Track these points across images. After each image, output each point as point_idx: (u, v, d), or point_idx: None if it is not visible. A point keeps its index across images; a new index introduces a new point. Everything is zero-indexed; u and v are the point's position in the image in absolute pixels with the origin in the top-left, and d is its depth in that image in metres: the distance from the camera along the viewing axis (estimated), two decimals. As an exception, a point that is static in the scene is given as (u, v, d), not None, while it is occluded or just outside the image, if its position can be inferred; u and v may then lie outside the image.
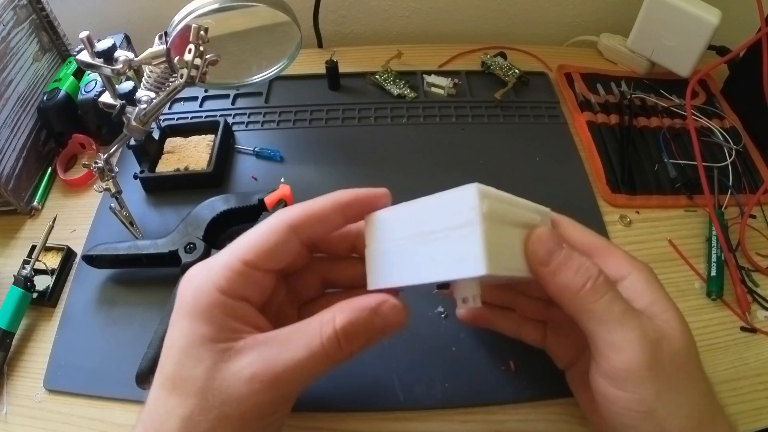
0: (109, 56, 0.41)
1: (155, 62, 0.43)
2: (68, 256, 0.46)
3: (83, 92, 0.52)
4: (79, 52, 0.42)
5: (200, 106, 0.58)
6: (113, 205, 0.45)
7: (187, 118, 0.57)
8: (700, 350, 0.29)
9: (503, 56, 0.63)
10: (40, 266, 0.44)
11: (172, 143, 0.53)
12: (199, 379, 0.25)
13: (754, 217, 0.48)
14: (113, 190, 0.44)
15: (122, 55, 0.42)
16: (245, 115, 0.58)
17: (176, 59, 0.42)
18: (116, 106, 0.43)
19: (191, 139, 0.53)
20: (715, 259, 0.44)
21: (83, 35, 0.41)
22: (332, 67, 0.59)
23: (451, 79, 0.60)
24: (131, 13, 0.67)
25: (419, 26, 0.71)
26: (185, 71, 0.42)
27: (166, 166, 0.50)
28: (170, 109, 0.58)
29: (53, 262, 0.45)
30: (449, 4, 0.69)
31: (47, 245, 0.45)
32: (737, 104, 0.58)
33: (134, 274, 0.44)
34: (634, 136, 0.54)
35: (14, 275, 0.42)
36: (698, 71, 0.55)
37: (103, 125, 0.53)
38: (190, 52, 0.41)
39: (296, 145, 0.54)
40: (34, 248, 0.44)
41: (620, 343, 0.26)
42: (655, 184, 0.51)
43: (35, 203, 0.51)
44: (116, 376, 0.38)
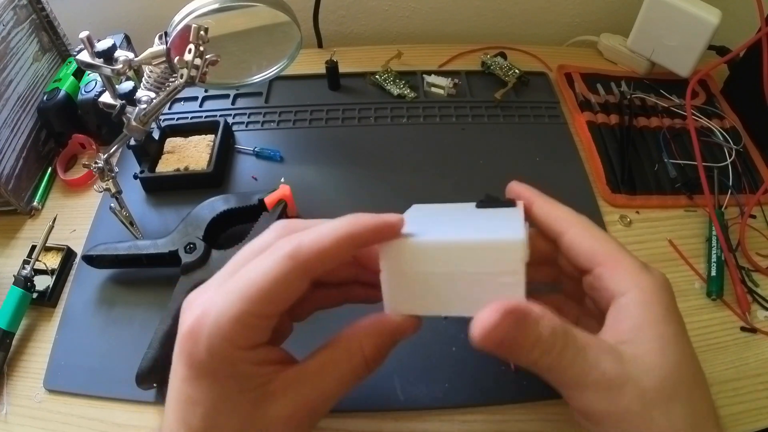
0: (109, 56, 0.41)
1: (155, 62, 0.43)
2: (68, 256, 0.46)
3: (83, 92, 0.52)
4: (79, 52, 0.42)
5: (200, 106, 0.58)
6: (113, 205, 0.45)
7: (187, 118, 0.57)
8: (700, 350, 0.29)
9: (503, 56, 0.63)
10: (40, 266, 0.44)
11: (172, 143, 0.53)
12: (236, 428, 0.25)
13: (754, 217, 0.48)
14: (113, 190, 0.44)
15: (122, 55, 0.42)
16: (245, 115, 0.58)
17: (176, 59, 0.42)
18: (116, 106, 0.43)
19: (191, 139, 0.53)
20: (715, 259, 0.44)
21: (83, 35, 0.41)
22: (332, 67, 0.59)
23: (451, 79, 0.60)
24: (131, 13, 0.67)
25: (419, 26, 0.71)
26: (185, 71, 0.42)
27: (166, 166, 0.50)
28: (170, 109, 0.58)
29: (53, 262, 0.45)
30: (449, 4, 0.69)
31: (47, 245, 0.45)
32: (737, 104, 0.58)
33: (134, 274, 0.44)
34: (634, 136, 0.54)
35: (14, 275, 0.42)
36: (698, 71, 0.55)
37: (103, 125, 0.53)
38: (190, 52, 0.41)
39: (296, 145, 0.54)
40: (34, 248, 0.44)
41: (580, 397, 0.25)
42: (655, 184, 0.51)
43: (35, 203, 0.51)
44: (116, 376, 0.38)
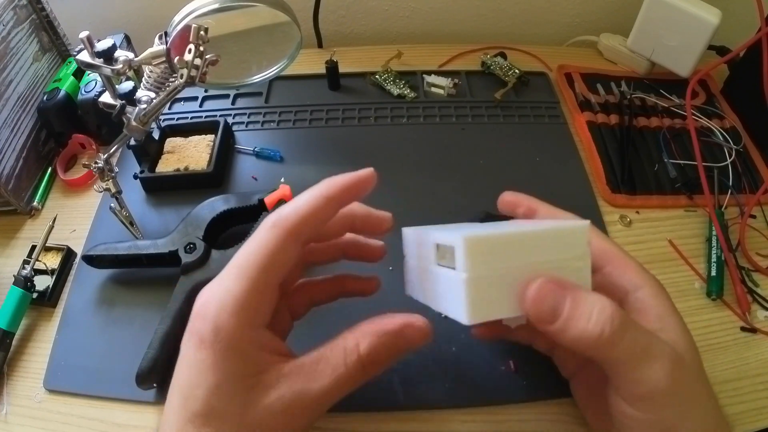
0: (109, 56, 0.41)
1: (155, 62, 0.43)
2: (68, 256, 0.46)
3: (83, 92, 0.51)
4: (79, 52, 0.42)
5: (200, 106, 0.58)
6: (113, 205, 0.45)
7: (187, 118, 0.56)
8: (700, 350, 0.29)
9: (503, 56, 0.63)
10: (40, 266, 0.44)
11: (172, 143, 0.53)
12: (234, 414, 0.25)
13: (754, 217, 0.48)
14: (113, 190, 0.44)
15: (122, 55, 0.42)
16: (245, 115, 0.58)
17: (176, 59, 0.42)
18: (116, 106, 0.43)
19: (191, 139, 0.53)
20: (715, 259, 0.44)
21: (83, 35, 0.40)
22: (332, 67, 0.59)
23: (451, 79, 0.60)
24: (131, 13, 0.67)
25: (419, 26, 0.71)
26: (185, 71, 0.42)
27: (166, 166, 0.50)
28: (170, 109, 0.58)
29: (53, 262, 0.45)
30: (449, 4, 0.69)
31: (47, 245, 0.45)
32: (737, 104, 0.58)
33: (134, 274, 0.44)
34: (634, 136, 0.54)
35: (14, 275, 0.42)
36: (698, 71, 0.55)
37: (103, 125, 0.53)
38: (190, 52, 0.41)
39: (296, 145, 0.54)
40: (34, 248, 0.44)
41: (645, 376, 0.25)
42: (655, 184, 0.51)
43: (35, 203, 0.51)
44: (116, 376, 0.38)
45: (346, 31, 0.71)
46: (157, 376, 0.36)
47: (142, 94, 0.44)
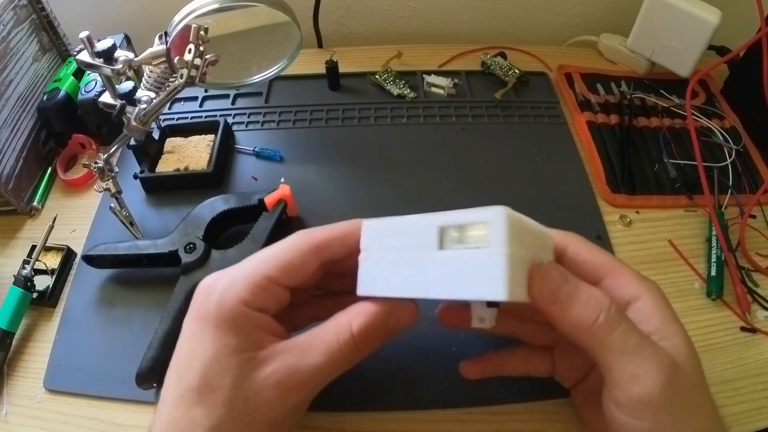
0: (109, 56, 0.41)
1: (155, 62, 0.43)
2: (68, 256, 0.46)
3: (83, 92, 0.52)
4: (79, 52, 0.42)
5: (200, 106, 0.58)
6: (113, 205, 0.45)
7: (187, 118, 0.56)
8: (700, 350, 0.29)
9: (503, 56, 0.63)
10: (40, 266, 0.44)
11: (172, 143, 0.53)
12: (226, 388, 0.25)
13: (754, 217, 0.48)
14: (113, 190, 0.44)
15: (122, 55, 0.42)
16: (245, 115, 0.58)
17: (176, 59, 0.42)
18: (116, 106, 0.43)
19: (191, 139, 0.53)
20: (715, 259, 0.44)
21: (83, 35, 0.41)
22: (332, 67, 0.59)
23: (451, 79, 0.60)
24: (131, 13, 0.67)
25: (419, 26, 0.71)
26: (185, 71, 0.42)
27: (166, 166, 0.50)
28: (170, 109, 0.58)
29: (53, 262, 0.45)
30: (449, 4, 0.69)
31: (47, 245, 0.45)
32: (737, 104, 0.58)
33: (134, 274, 0.44)
34: (634, 136, 0.54)
35: (14, 275, 0.42)
36: (698, 71, 0.55)
37: (103, 125, 0.53)
38: (190, 52, 0.41)
39: (296, 145, 0.54)
40: (34, 248, 0.44)
41: (637, 375, 0.26)
42: (655, 184, 0.51)
43: (35, 203, 0.51)
44: (116, 376, 0.38)
45: (346, 31, 0.71)
46: (157, 376, 0.36)
47: (142, 94, 0.44)
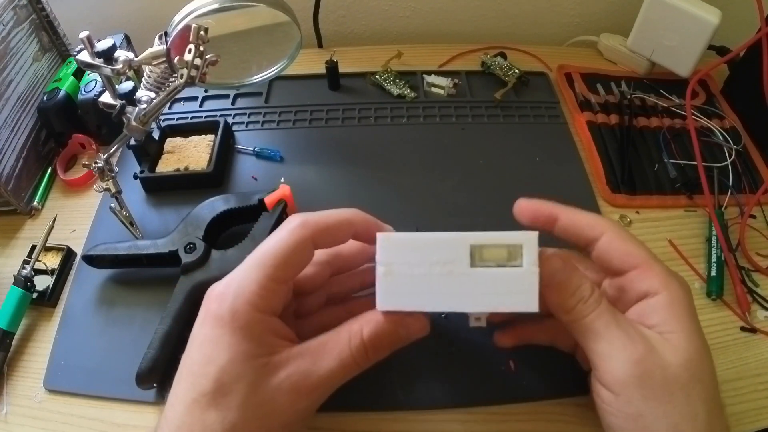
0: (109, 56, 0.41)
1: (155, 62, 0.43)
2: (68, 256, 0.46)
3: (83, 92, 0.52)
4: (79, 52, 0.42)
5: (200, 106, 0.58)
6: (113, 205, 0.45)
7: (187, 118, 0.56)
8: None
9: (503, 56, 0.63)
10: (40, 266, 0.44)
11: (172, 143, 0.53)
12: (241, 393, 0.26)
13: (754, 217, 0.48)
14: (113, 190, 0.44)
15: (122, 55, 0.42)
16: (245, 115, 0.58)
17: (176, 59, 0.42)
18: (116, 106, 0.43)
19: (191, 139, 0.53)
20: (715, 259, 0.44)
21: (83, 35, 0.41)
22: (332, 67, 0.59)
23: (451, 79, 0.60)
24: (131, 13, 0.67)
25: (419, 26, 0.71)
26: (185, 71, 0.42)
27: (166, 166, 0.50)
28: (170, 109, 0.58)
29: (53, 262, 0.45)
30: (449, 4, 0.69)
31: (47, 245, 0.45)
32: (737, 104, 0.58)
33: (134, 274, 0.44)
34: (634, 136, 0.54)
35: (14, 275, 0.42)
36: (698, 71, 0.55)
37: (103, 125, 0.53)
38: (190, 52, 0.41)
39: (296, 145, 0.54)
40: (34, 248, 0.44)
41: (604, 353, 0.28)
42: (655, 184, 0.51)
43: (35, 203, 0.51)
44: (116, 376, 0.38)
45: (346, 31, 0.72)
46: (157, 376, 0.36)
47: (142, 94, 0.44)
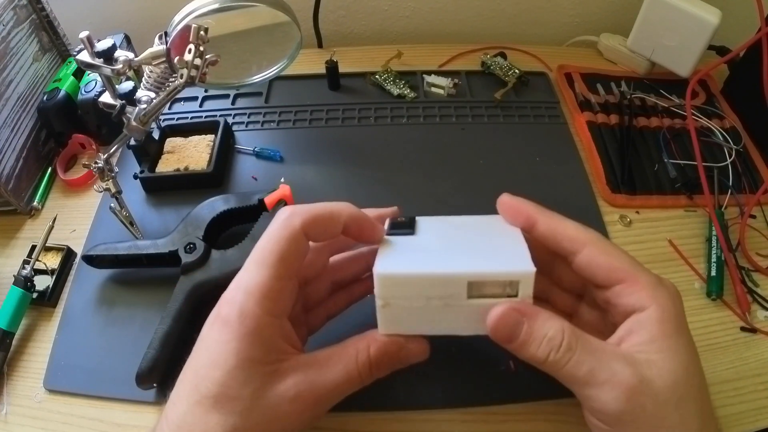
0: (109, 56, 0.41)
1: (155, 62, 0.43)
2: (68, 256, 0.46)
3: (83, 92, 0.52)
4: (79, 52, 0.42)
5: (200, 106, 0.58)
6: (113, 205, 0.45)
7: (187, 118, 0.56)
8: (700, 350, 0.29)
9: (503, 56, 0.63)
10: (40, 266, 0.44)
11: (172, 143, 0.53)
12: (246, 398, 0.26)
13: (754, 217, 0.48)
14: (113, 190, 0.44)
15: (122, 55, 0.42)
16: (245, 115, 0.58)
17: (176, 59, 0.42)
18: (116, 106, 0.43)
19: (191, 139, 0.53)
20: (715, 259, 0.44)
21: (83, 35, 0.41)
22: (332, 67, 0.59)
23: (451, 79, 0.60)
24: (131, 13, 0.67)
25: (419, 26, 0.71)
26: (185, 71, 0.42)
27: (166, 166, 0.50)
28: (170, 109, 0.58)
29: (53, 262, 0.45)
30: (449, 4, 0.69)
31: (47, 245, 0.45)
32: (737, 104, 0.58)
33: (134, 274, 0.44)
34: (634, 136, 0.54)
35: (14, 275, 0.42)
36: (698, 71, 0.55)
37: (103, 125, 0.53)
38: (190, 52, 0.41)
39: (296, 145, 0.54)
40: (34, 248, 0.44)
41: (592, 396, 0.27)
42: (655, 184, 0.51)
43: (35, 203, 0.51)
44: (116, 376, 0.38)
45: (346, 31, 0.71)
46: (157, 376, 0.36)
47: (142, 94, 0.44)
